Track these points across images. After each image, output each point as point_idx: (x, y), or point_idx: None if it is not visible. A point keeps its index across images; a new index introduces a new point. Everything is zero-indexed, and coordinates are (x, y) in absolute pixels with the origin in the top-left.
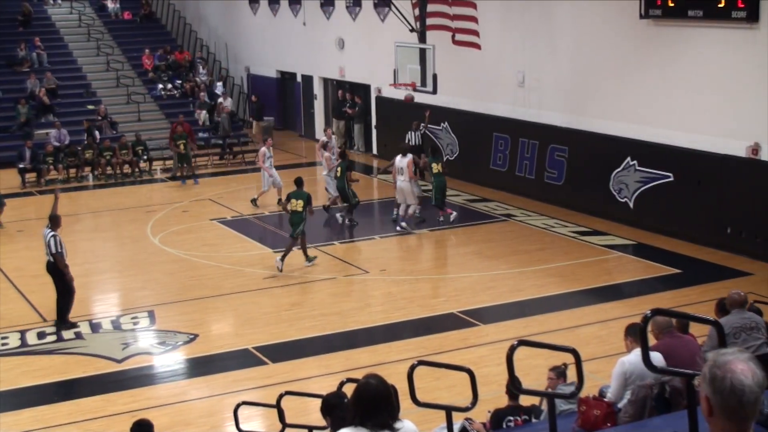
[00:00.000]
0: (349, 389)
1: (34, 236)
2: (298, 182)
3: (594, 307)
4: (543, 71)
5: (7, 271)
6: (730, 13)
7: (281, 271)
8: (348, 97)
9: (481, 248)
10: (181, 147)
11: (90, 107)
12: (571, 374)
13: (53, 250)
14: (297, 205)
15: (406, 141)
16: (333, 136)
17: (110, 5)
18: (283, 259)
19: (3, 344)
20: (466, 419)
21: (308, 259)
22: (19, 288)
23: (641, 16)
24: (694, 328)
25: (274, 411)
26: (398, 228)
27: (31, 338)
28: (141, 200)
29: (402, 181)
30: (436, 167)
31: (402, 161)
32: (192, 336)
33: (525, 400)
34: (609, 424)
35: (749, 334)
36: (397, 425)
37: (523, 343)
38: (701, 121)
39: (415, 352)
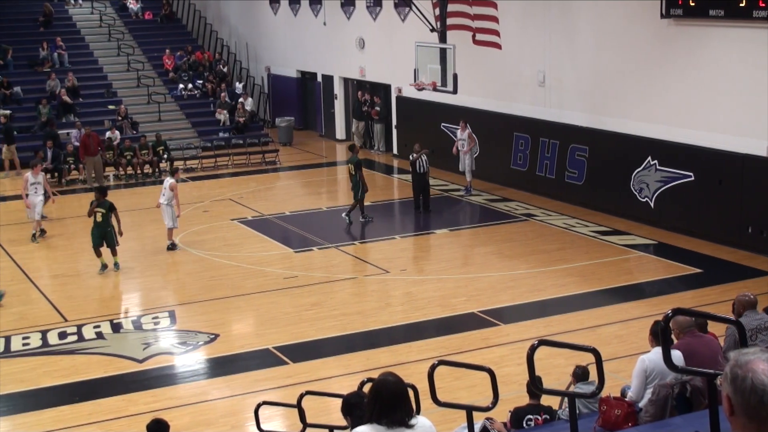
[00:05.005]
0: (369, 389)
1: (54, 236)
2: (351, 148)
3: (615, 306)
4: (563, 71)
5: (28, 272)
6: (751, 12)
7: (351, 223)
8: (367, 97)
9: (502, 248)
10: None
11: (111, 107)
12: (592, 374)
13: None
14: (350, 168)
15: (413, 162)
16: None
17: (132, 5)
18: (364, 215)
19: (24, 344)
20: (487, 419)
21: (348, 214)
22: (40, 288)
23: (662, 16)
24: (714, 328)
25: (295, 411)
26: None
27: (53, 338)
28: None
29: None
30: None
31: (165, 182)
32: (213, 336)
33: (547, 400)
34: (630, 424)
35: (767, 335)
36: (412, 422)
37: (543, 342)
38: (722, 121)
39: (436, 351)
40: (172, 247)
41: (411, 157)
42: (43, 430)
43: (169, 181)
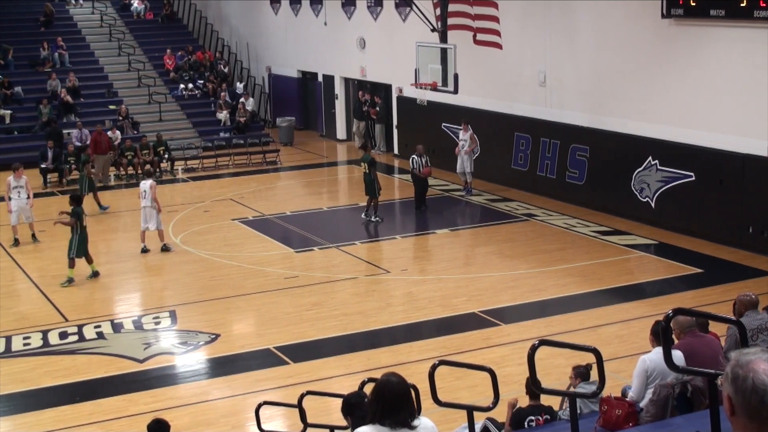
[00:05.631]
0: (370, 389)
1: (56, 237)
2: (363, 146)
3: (615, 306)
4: (564, 71)
5: (29, 272)
6: (752, 12)
7: (381, 220)
8: (368, 97)
9: (502, 248)
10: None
11: (112, 107)
12: (593, 374)
13: None
14: (363, 167)
15: (411, 167)
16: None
17: (136, 5)
18: (366, 213)
19: (25, 344)
20: (488, 419)
21: (374, 215)
22: (41, 288)
23: (663, 16)
24: (715, 328)
25: (296, 411)
26: None
27: (53, 338)
28: (162, 200)
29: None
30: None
31: (144, 184)
32: (213, 336)
33: (546, 400)
34: (631, 424)
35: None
36: (415, 422)
37: (544, 342)
38: (723, 121)
39: (437, 351)
40: (165, 248)
41: (413, 160)
42: (43, 430)
43: (149, 182)
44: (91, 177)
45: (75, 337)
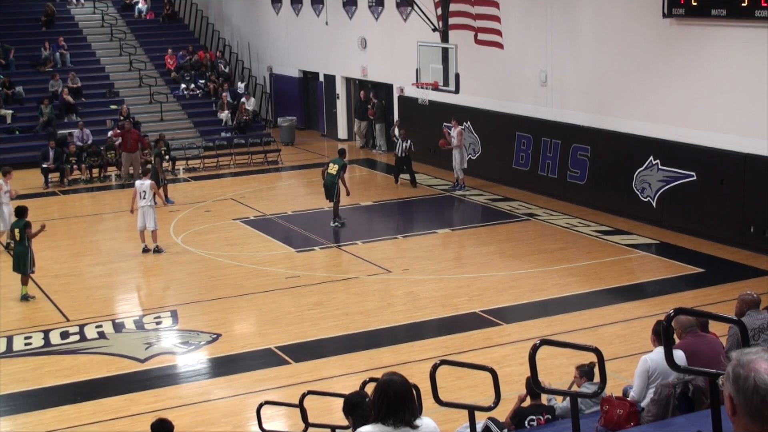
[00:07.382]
0: (371, 389)
1: (57, 236)
2: (341, 152)
3: (617, 306)
4: (565, 70)
5: None
6: (753, 12)
7: (338, 225)
8: (368, 97)
9: (504, 247)
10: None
11: (113, 107)
12: (594, 373)
13: None
14: (332, 168)
15: (396, 150)
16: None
17: (141, 5)
18: (335, 220)
19: (27, 344)
20: (489, 419)
21: (334, 220)
22: (42, 288)
23: (664, 15)
24: (715, 328)
25: (297, 410)
26: None
27: (55, 338)
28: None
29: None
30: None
31: (144, 184)
32: (215, 336)
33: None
34: (632, 424)
35: None
36: (417, 422)
37: (545, 342)
38: (724, 120)
39: (438, 351)
40: (158, 250)
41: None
42: (45, 430)
43: (148, 182)
44: (159, 170)
45: (76, 337)
